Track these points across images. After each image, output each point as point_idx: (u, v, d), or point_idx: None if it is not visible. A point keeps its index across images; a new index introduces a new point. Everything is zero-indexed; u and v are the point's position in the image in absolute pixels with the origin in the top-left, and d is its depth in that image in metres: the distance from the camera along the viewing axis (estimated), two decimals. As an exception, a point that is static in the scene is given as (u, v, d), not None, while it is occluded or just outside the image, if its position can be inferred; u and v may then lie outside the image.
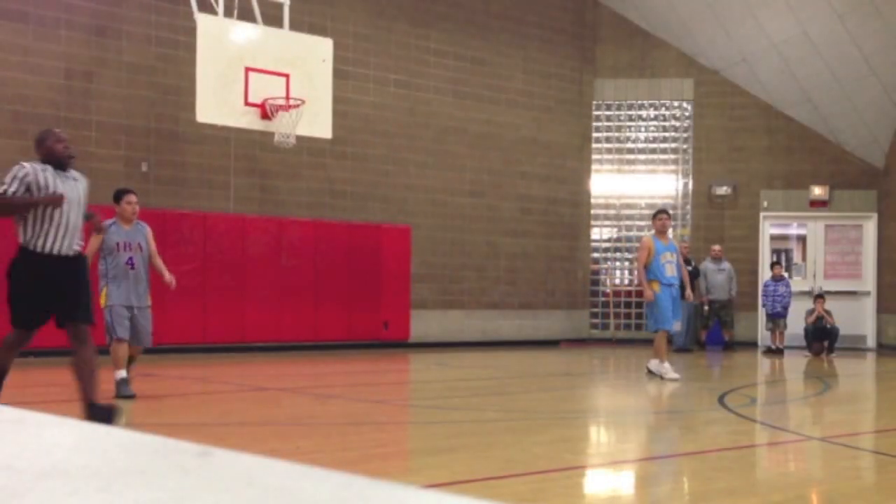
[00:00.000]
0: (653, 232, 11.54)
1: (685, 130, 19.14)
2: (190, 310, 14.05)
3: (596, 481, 5.56)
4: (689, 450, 6.51)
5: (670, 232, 11.69)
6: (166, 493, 1.43)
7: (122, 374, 8.73)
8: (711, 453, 6.25)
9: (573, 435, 7.24)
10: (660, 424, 8.06)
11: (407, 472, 5.39)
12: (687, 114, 19.11)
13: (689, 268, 17.30)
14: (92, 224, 7.56)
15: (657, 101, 19.15)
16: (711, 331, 17.64)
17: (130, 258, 8.81)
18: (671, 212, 19.11)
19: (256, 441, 6.54)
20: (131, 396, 8.60)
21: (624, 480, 5.51)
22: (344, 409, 8.76)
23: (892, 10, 16.29)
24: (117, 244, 8.77)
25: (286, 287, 14.96)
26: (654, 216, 11.56)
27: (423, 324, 16.65)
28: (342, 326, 15.52)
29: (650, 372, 11.21)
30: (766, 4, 17.25)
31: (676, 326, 11.50)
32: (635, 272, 11.60)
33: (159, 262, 9.02)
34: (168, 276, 8.89)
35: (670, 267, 11.20)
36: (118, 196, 9.00)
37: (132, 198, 8.95)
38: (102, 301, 8.82)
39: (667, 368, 10.94)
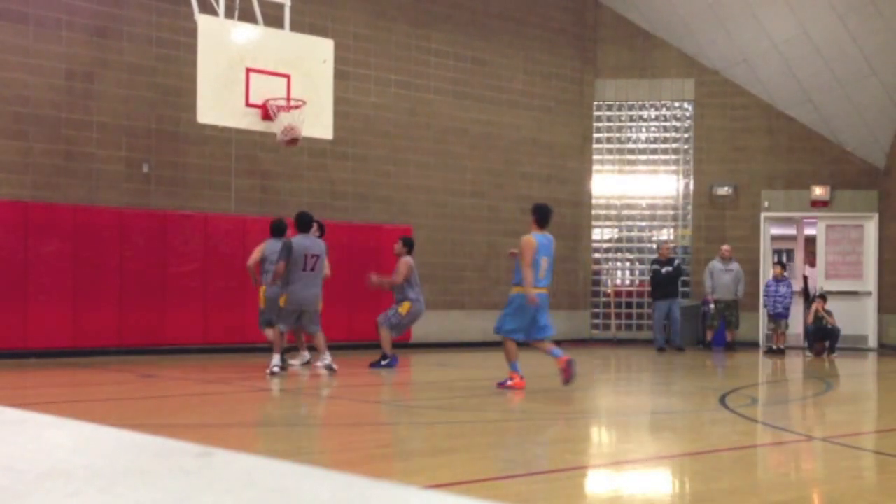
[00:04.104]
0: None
1: (686, 131, 19.13)
2: (191, 310, 14.06)
3: (597, 482, 5.56)
4: (690, 450, 6.51)
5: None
6: (167, 493, 1.43)
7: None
8: (713, 453, 6.24)
9: (574, 435, 7.24)
10: (661, 425, 8.06)
11: (408, 472, 5.38)
12: (688, 114, 19.11)
13: (670, 269, 17.29)
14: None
15: (658, 102, 19.15)
16: (717, 331, 17.59)
17: None
18: (672, 212, 19.19)
19: (257, 442, 6.54)
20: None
21: (625, 481, 5.51)
22: (345, 409, 8.76)
23: (892, 10, 16.28)
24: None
25: (287, 288, 14.94)
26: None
27: (425, 324, 16.63)
28: (342, 326, 15.51)
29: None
30: (767, 5, 17.24)
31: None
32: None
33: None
34: None
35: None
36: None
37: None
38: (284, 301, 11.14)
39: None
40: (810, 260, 19.04)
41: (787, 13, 17.11)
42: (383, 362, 12.26)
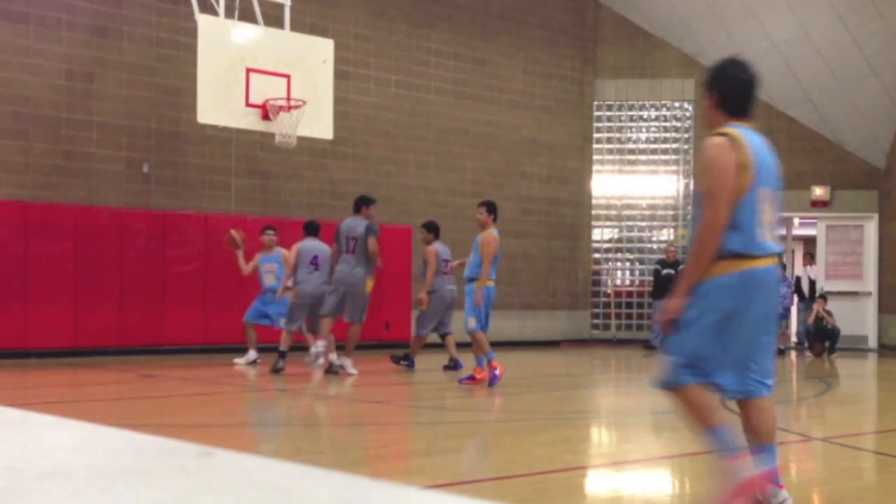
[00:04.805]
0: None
1: (686, 131, 19.13)
2: (191, 311, 14.05)
3: (597, 482, 5.56)
4: (689, 450, 6.51)
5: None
6: (167, 493, 1.43)
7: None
8: (712, 454, 6.23)
9: (574, 435, 7.23)
10: (661, 425, 8.05)
11: (408, 472, 5.38)
12: (688, 114, 19.11)
13: (671, 271, 17.38)
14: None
15: (658, 102, 19.15)
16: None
17: None
18: (672, 212, 19.19)
19: (257, 442, 6.55)
20: None
21: (625, 481, 5.51)
22: (345, 409, 8.77)
23: (892, 11, 16.28)
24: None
25: (287, 288, 14.94)
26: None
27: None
28: (343, 327, 15.48)
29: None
30: (767, 5, 17.24)
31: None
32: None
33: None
34: None
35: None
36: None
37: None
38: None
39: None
40: (806, 260, 19.02)
41: (787, 13, 17.10)
42: (403, 362, 12.21)
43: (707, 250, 3.94)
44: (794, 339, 18.18)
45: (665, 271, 17.32)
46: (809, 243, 20.28)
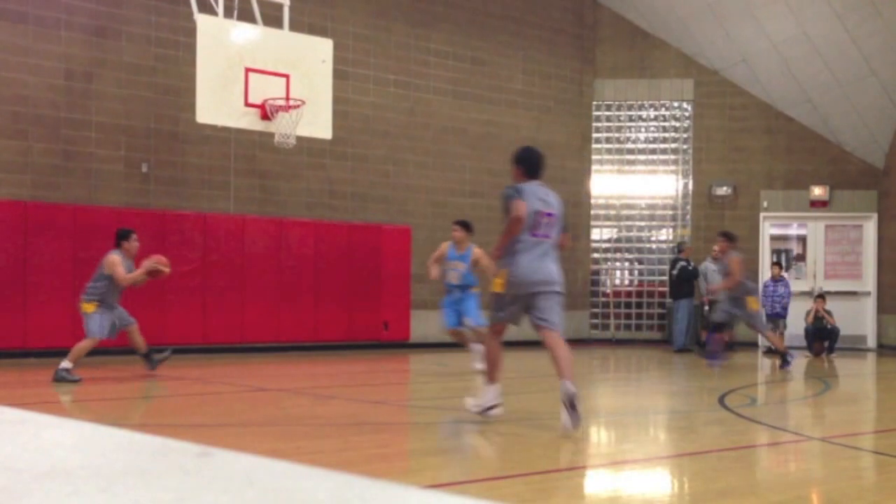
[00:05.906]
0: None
1: (685, 131, 19.14)
2: (190, 310, 14.05)
3: (596, 481, 5.56)
4: (689, 450, 6.51)
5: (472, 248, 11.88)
6: (167, 493, 1.43)
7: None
8: (711, 454, 6.24)
9: (573, 435, 7.23)
10: (660, 425, 8.06)
11: (407, 472, 5.38)
12: (687, 114, 19.12)
13: (690, 267, 17.34)
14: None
15: (657, 102, 19.16)
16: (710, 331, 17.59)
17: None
18: (671, 212, 19.18)
19: (256, 441, 6.54)
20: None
21: (624, 481, 5.51)
22: (344, 409, 8.76)
23: (892, 11, 16.29)
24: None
25: (286, 287, 14.96)
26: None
27: (424, 324, 16.64)
28: (342, 327, 15.51)
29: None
30: (766, 5, 17.25)
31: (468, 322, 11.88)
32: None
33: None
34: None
35: (454, 274, 11.75)
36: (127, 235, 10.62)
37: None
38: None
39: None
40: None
41: (786, 13, 17.11)
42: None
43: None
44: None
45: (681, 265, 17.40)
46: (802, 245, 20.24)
